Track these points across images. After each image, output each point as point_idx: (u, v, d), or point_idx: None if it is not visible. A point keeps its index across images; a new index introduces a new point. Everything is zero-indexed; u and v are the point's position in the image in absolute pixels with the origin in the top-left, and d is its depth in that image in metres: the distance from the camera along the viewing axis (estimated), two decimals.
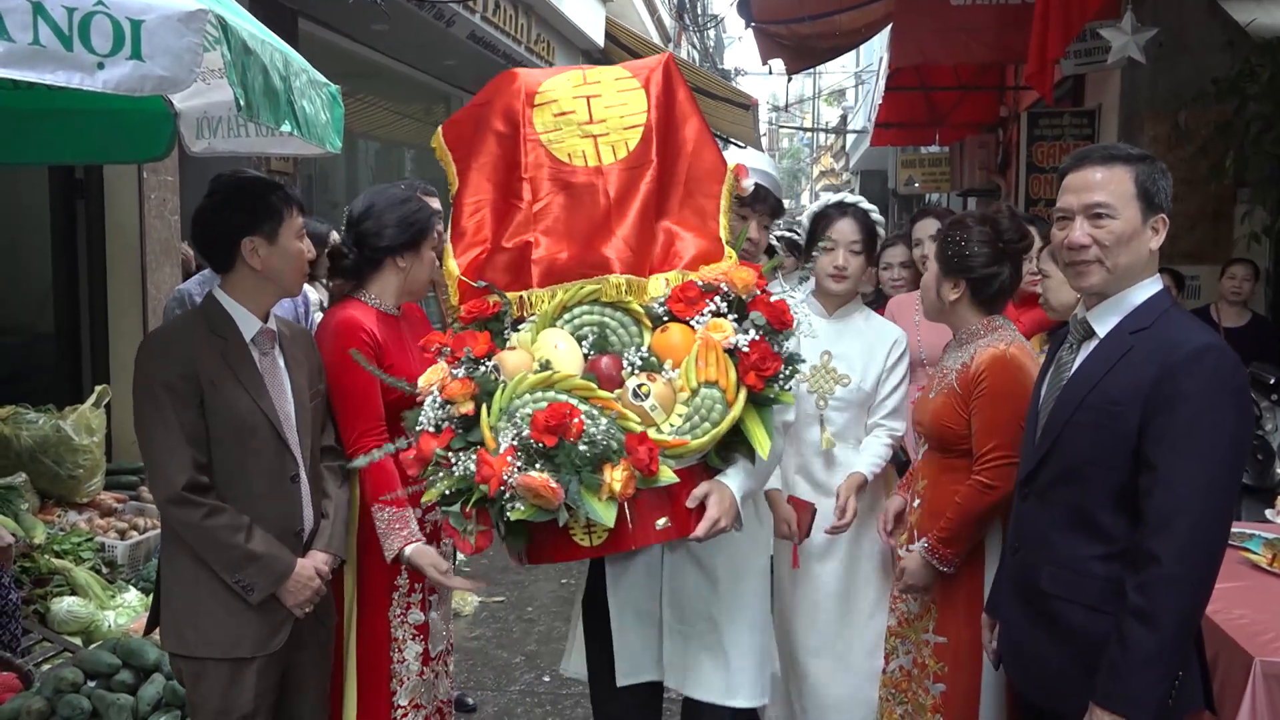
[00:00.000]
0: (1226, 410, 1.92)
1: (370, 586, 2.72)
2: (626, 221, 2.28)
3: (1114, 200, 2.02)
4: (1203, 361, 1.93)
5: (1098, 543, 2.05)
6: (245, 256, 2.41)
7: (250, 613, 2.37)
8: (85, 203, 5.51)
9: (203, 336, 2.40)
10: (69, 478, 4.62)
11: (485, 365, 2.16)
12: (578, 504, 1.96)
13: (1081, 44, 6.49)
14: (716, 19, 24.94)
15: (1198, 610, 1.94)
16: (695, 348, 2.13)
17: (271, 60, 2.26)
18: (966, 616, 2.64)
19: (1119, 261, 2.04)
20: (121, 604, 4.09)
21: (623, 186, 2.30)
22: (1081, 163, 2.09)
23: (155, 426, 2.32)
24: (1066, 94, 9.15)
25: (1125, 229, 2.02)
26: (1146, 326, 2.02)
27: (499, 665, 4.55)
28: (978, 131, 12.79)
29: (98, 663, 3.31)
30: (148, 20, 1.83)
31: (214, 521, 2.31)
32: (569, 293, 2.25)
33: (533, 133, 2.36)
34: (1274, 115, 5.23)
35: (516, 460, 1.98)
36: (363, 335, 2.62)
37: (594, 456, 1.99)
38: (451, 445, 2.08)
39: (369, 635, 2.71)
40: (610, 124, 2.34)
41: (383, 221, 2.72)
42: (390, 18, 7.02)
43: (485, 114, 2.43)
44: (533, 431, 1.97)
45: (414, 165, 10.70)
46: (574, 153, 2.34)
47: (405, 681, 2.74)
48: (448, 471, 2.07)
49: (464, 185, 2.41)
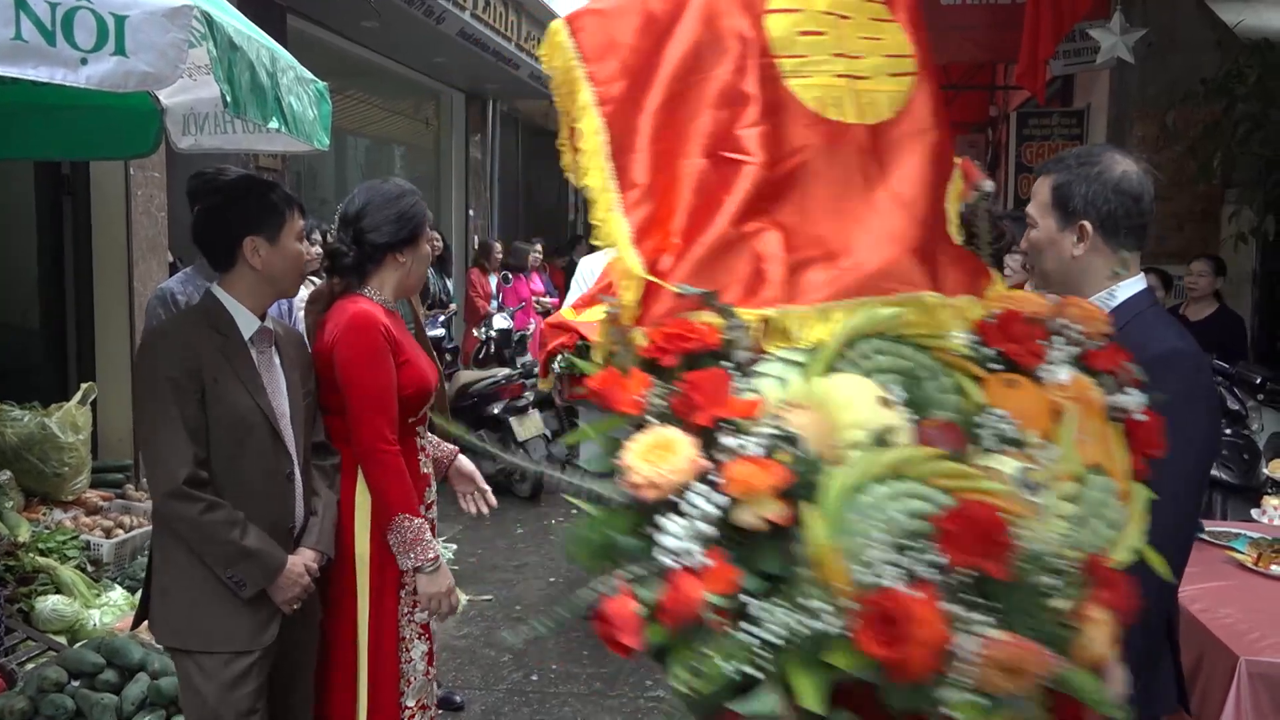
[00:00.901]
0: (1195, 412, 1.92)
1: (381, 584, 2.69)
2: (921, 215, 1.55)
3: (1034, 210, 2.10)
4: (1168, 364, 1.92)
5: None
6: (246, 256, 2.42)
7: (243, 608, 2.38)
8: (72, 199, 5.47)
9: (205, 333, 2.41)
10: (54, 475, 4.59)
11: (781, 432, 1.24)
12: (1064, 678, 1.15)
13: (1071, 44, 6.52)
14: None
15: (1158, 615, 1.93)
16: (1069, 414, 1.38)
17: (258, 56, 2.25)
18: None
19: (1045, 268, 2.11)
20: (107, 603, 4.06)
21: (908, 164, 1.57)
22: (1036, 174, 2.18)
23: (159, 420, 2.33)
24: (1056, 94, 9.19)
25: (1040, 237, 2.09)
26: (1119, 328, 2.03)
27: (486, 664, 4.54)
28: (967, 130, 12.84)
29: (81, 662, 3.29)
30: (132, 16, 1.82)
31: (211, 516, 2.32)
32: (856, 317, 1.38)
33: (768, 52, 1.54)
34: (1262, 116, 5.25)
35: None
36: (380, 329, 2.62)
37: None
38: (742, 585, 1.17)
39: (380, 636, 2.68)
40: (872, 64, 1.60)
41: (380, 218, 2.71)
42: (380, 14, 7.01)
43: (667, 6, 1.57)
44: (953, 553, 1.12)
45: (403, 162, 10.68)
46: (829, 101, 1.56)
47: (413, 682, 2.72)
48: (725, 641, 1.15)
49: (624, 124, 1.53)
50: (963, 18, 8.43)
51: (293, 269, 2.49)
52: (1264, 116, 5.29)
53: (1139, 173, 2.05)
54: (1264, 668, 2.40)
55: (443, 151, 11.27)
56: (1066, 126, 8.57)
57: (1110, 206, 2.02)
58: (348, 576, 2.65)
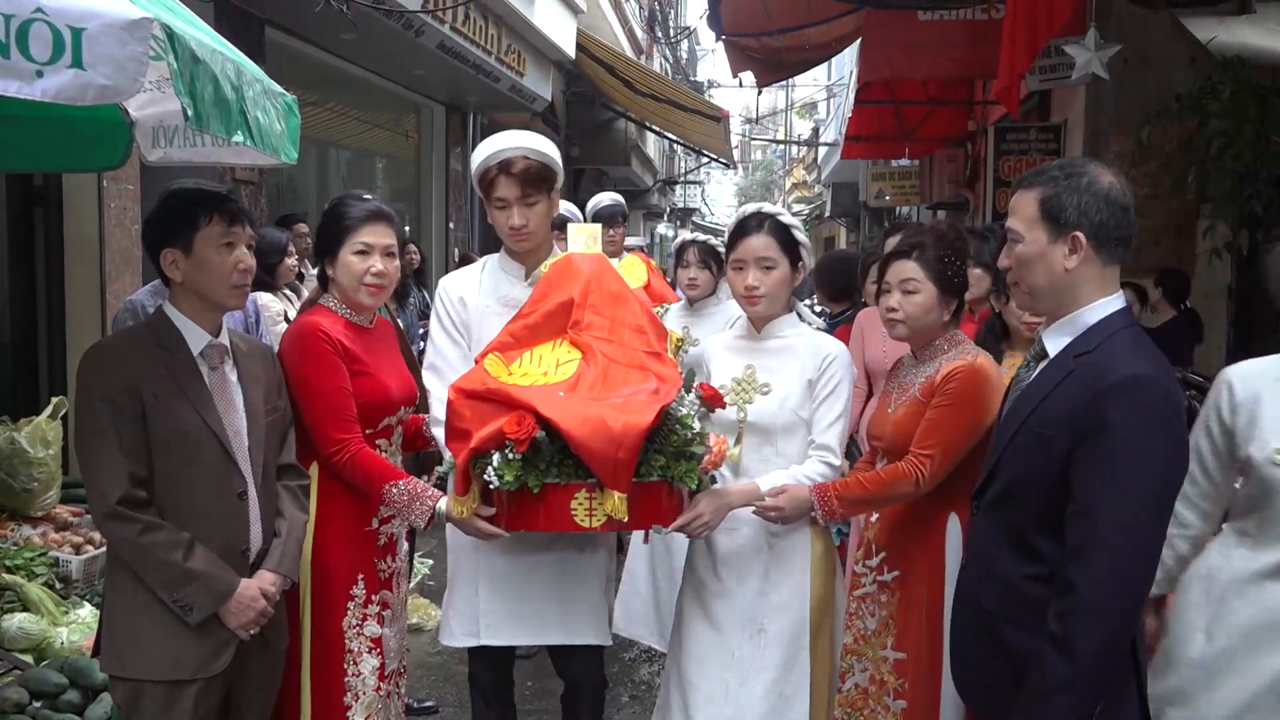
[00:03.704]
0: (1151, 442, 1.90)
1: (325, 596, 2.67)
2: None
3: (1019, 225, 2.07)
4: (1127, 391, 1.91)
5: (1032, 563, 2.05)
6: (166, 269, 2.38)
7: (190, 634, 2.31)
8: (44, 211, 5.43)
9: (147, 350, 2.36)
10: (23, 491, 4.53)
11: None
12: None
13: (1046, 60, 6.55)
14: (689, 30, 25.00)
15: (1116, 642, 1.93)
16: None
17: (223, 69, 2.22)
18: (927, 631, 2.63)
19: (1033, 283, 2.07)
20: (75, 620, 4.00)
21: None
22: (1014, 188, 2.14)
23: (92, 439, 2.28)
24: (1033, 109, 9.24)
25: (1027, 251, 2.06)
26: (1091, 350, 2.01)
27: (460, 681, 4.46)
28: (946, 145, 12.90)
29: (44, 682, 3.24)
30: (89, 28, 1.78)
31: (150, 538, 2.26)
32: None
33: None
34: (1235, 132, 5.27)
35: None
36: (320, 336, 2.61)
37: None
38: None
39: (322, 646, 2.67)
40: None
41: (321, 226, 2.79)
42: (358, 27, 6.98)
43: None
44: None
45: (384, 175, 10.65)
46: None
47: (361, 696, 2.70)
48: None
49: None
50: (939, 34, 8.49)
51: (215, 280, 2.39)
52: (1237, 133, 5.32)
53: (1122, 184, 2.04)
54: None
55: (423, 164, 11.25)
56: (1044, 141, 8.61)
57: (1102, 217, 2.00)
58: (289, 596, 2.62)
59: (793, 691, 2.72)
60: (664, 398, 2.46)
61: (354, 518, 2.72)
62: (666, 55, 24.41)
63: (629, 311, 2.73)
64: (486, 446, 2.39)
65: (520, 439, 2.33)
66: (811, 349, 2.79)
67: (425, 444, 3.01)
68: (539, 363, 2.63)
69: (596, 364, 2.56)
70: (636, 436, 2.35)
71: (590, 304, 2.69)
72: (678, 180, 27.40)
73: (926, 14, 8.43)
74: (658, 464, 2.43)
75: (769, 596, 2.75)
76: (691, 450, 2.46)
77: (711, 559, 2.81)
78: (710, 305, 4.31)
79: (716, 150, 18.13)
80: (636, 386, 2.52)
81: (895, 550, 2.73)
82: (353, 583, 2.69)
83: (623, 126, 16.11)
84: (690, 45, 29.11)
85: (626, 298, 2.77)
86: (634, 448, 2.35)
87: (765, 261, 2.75)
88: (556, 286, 2.73)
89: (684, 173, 27.47)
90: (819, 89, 29.52)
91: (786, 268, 2.77)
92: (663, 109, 14.09)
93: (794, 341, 2.82)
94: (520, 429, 2.34)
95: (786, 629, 2.73)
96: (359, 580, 2.70)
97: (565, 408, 2.39)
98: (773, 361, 2.81)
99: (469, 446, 2.42)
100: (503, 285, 2.92)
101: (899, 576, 2.71)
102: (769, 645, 2.73)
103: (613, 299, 2.73)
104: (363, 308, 2.77)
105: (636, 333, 2.70)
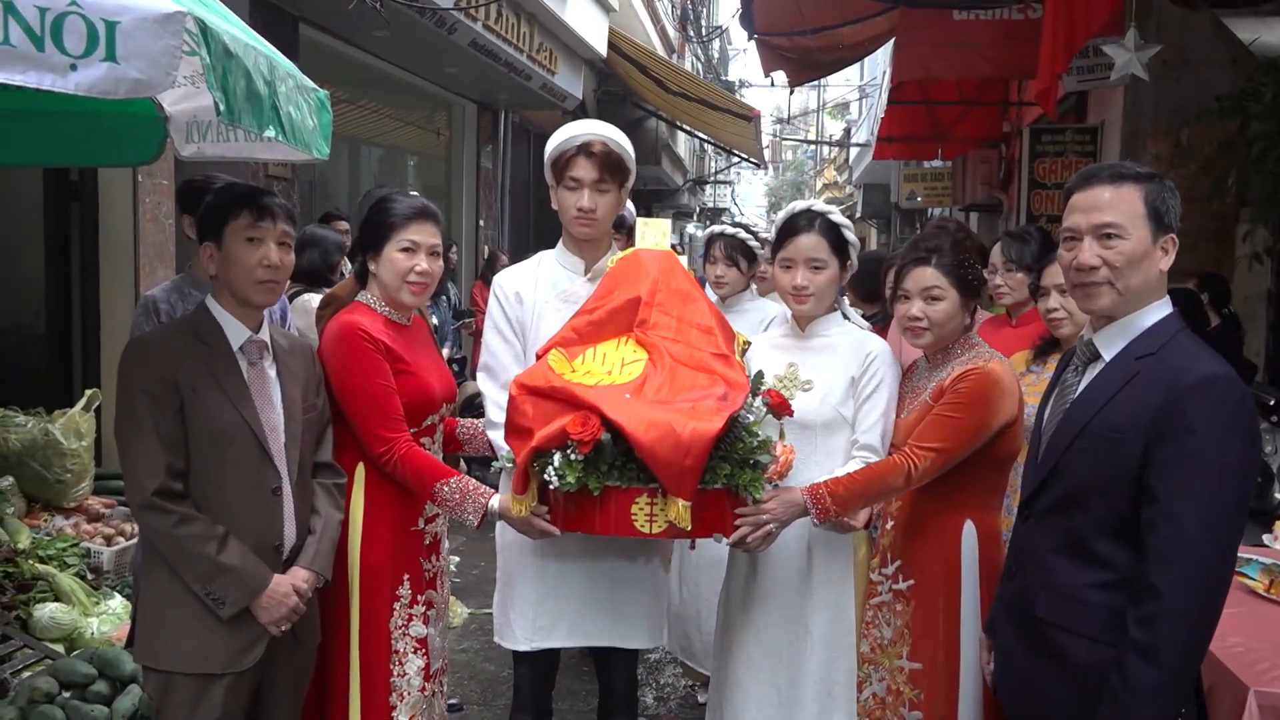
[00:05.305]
0: (1232, 442, 1.87)
1: (372, 596, 2.66)
2: None
3: (1124, 220, 1.97)
4: (1209, 391, 1.87)
5: (1095, 570, 2.00)
6: (205, 263, 2.41)
7: (222, 628, 2.32)
8: (79, 205, 5.48)
9: (187, 343, 2.37)
10: (56, 482, 4.58)
11: None
12: None
13: (1084, 60, 6.48)
14: (721, 30, 24.93)
15: (1201, 646, 1.89)
16: None
17: (255, 64, 2.21)
18: (943, 641, 2.58)
19: (1130, 283, 1.99)
20: (105, 611, 4.04)
21: None
22: (1089, 182, 2.04)
23: (130, 431, 2.29)
24: (1069, 110, 9.14)
25: (1136, 249, 1.97)
26: (1154, 352, 1.97)
27: (486, 679, 4.49)
28: (980, 146, 12.79)
29: (73, 672, 3.26)
30: (123, 22, 1.78)
31: (185, 530, 2.27)
32: None
33: None
34: (1277, 134, 5.19)
35: None
36: (361, 334, 2.59)
37: None
38: None
39: (369, 647, 2.65)
40: None
41: (362, 223, 2.75)
42: (391, 25, 7.00)
43: None
44: None
45: (415, 172, 10.69)
46: None
47: (406, 696, 2.68)
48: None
49: None
50: (974, 34, 8.41)
51: (239, 275, 2.38)
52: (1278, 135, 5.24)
53: None
54: (1274, 699, 2.34)
55: (454, 162, 11.29)
56: (1080, 143, 8.52)
57: (1179, 221, 2.00)
58: (341, 587, 2.62)
59: (840, 690, 2.73)
60: (732, 404, 2.40)
61: (400, 518, 2.70)
62: (698, 54, 24.35)
63: (697, 311, 2.67)
64: (549, 445, 2.34)
65: (585, 440, 2.28)
66: (855, 346, 2.76)
67: (459, 446, 2.97)
68: (603, 360, 2.57)
69: (664, 365, 2.51)
70: (705, 444, 2.29)
71: (658, 302, 2.64)
72: (708, 180, 27.36)
73: (961, 13, 8.35)
74: (723, 472, 2.37)
75: (812, 598, 2.74)
76: (757, 459, 2.41)
77: (752, 561, 2.79)
78: (744, 301, 4.14)
79: (747, 150, 18.08)
80: (704, 391, 2.46)
81: (910, 558, 2.67)
82: (399, 583, 2.67)
83: (654, 125, 16.09)
84: (722, 44, 29.03)
85: (695, 297, 2.70)
86: (702, 455, 2.29)
87: (815, 261, 2.71)
88: (623, 282, 2.68)
89: (714, 172, 27.43)
90: (851, 89, 29.37)
91: (835, 268, 2.74)
92: (694, 108, 14.06)
93: (837, 339, 2.79)
94: (585, 430, 2.29)
95: (831, 630, 2.73)
96: (405, 580, 2.68)
97: (631, 411, 2.33)
98: (816, 359, 2.78)
99: (530, 445, 2.37)
100: (561, 280, 2.86)
101: (914, 585, 2.65)
102: (815, 647, 2.72)
103: (681, 298, 2.67)
104: (403, 306, 2.73)
105: (704, 333, 2.64)
